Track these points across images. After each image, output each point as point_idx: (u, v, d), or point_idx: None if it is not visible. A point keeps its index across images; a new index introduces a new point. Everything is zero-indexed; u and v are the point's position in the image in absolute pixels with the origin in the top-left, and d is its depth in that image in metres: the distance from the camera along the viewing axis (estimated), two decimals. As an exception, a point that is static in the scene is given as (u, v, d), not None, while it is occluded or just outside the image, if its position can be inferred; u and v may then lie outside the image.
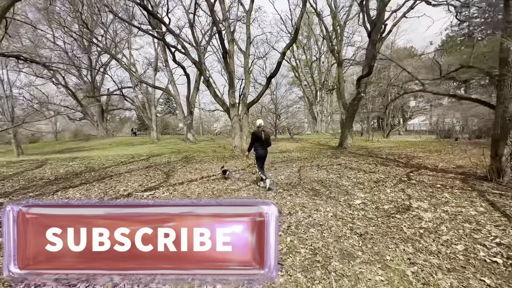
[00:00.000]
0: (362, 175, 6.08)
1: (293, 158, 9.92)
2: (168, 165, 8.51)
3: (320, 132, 28.33)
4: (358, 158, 9.19)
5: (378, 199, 4.03)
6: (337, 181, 5.45)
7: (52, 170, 7.48)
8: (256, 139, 4.88)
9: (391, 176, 5.89)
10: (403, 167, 7.22)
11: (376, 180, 5.46)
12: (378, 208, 3.62)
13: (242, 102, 11.45)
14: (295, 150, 12.81)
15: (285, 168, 7.40)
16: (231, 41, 10.26)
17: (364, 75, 10.44)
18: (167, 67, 19.10)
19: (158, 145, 18.30)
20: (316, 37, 29.39)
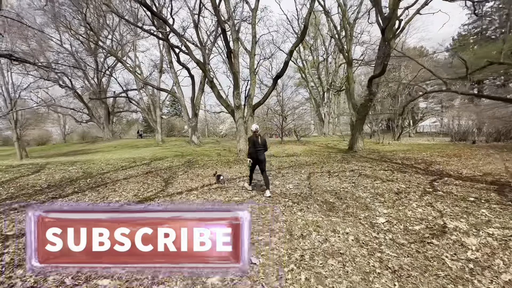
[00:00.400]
0: (380, 184, 5.48)
1: (301, 162, 9.36)
2: (169, 170, 8.09)
3: (327, 134, 27.60)
4: (372, 163, 8.56)
5: (405, 217, 3.45)
6: (352, 191, 4.88)
7: (48, 176, 7.14)
8: (252, 144, 4.80)
9: (413, 185, 5.28)
10: (423, 174, 6.58)
11: (397, 190, 4.86)
12: (407, 229, 3.05)
13: (247, 103, 10.97)
14: (302, 153, 12.24)
15: (293, 175, 6.85)
16: (236, 40, 9.81)
17: (377, 74, 9.81)
18: (171, 68, 18.84)
19: (163, 147, 17.99)
20: (323, 38, 28.77)
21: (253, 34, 10.78)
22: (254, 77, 11.34)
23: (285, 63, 8.99)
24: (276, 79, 9.60)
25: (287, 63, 9.03)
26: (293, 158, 10.48)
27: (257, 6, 10.68)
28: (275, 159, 10.42)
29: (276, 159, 10.37)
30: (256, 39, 10.91)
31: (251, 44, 11.28)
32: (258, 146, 4.77)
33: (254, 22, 10.80)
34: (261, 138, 4.85)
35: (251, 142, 4.81)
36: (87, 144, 26.44)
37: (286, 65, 9.11)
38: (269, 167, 8.48)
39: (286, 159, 10.41)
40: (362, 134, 12.64)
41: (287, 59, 9.01)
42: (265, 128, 29.00)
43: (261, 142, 4.83)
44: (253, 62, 11.07)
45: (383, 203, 4.08)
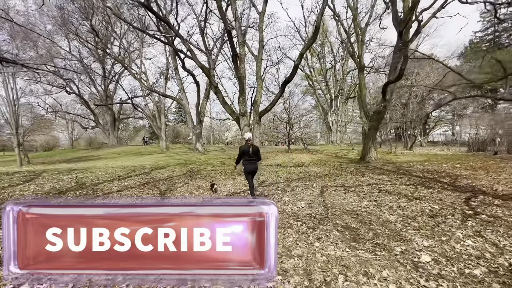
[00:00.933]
0: (407, 203, 4.72)
1: (311, 174, 8.64)
2: (168, 181, 7.48)
3: (335, 143, 26.73)
4: (389, 176, 7.77)
5: (454, 253, 2.70)
6: (377, 213, 4.14)
7: (37, 186, 6.62)
8: (243, 153, 4.69)
9: (447, 205, 4.50)
10: (453, 190, 5.77)
11: (431, 213, 4.10)
12: (464, 274, 2.31)
13: (253, 110, 10.40)
14: (311, 163, 11.50)
15: (304, 189, 6.14)
16: (242, 44, 9.35)
17: (393, 79, 9.12)
18: (176, 75, 18.58)
19: (166, 155, 17.54)
20: (331, 45, 28.36)
21: (260, 38, 10.32)
22: (261, 83, 10.80)
23: (295, 66, 8.42)
24: (285, 84, 9.03)
25: (296, 67, 8.46)
26: (301, 169, 9.76)
27: (265, 10, 10.25)
28: (283, 169, 9.72)
29: (283, 169, 9.67)
30: (263, 43, 10.44)
31: (258, 49, 10.83)
32: (250, 155, 4.63)
33: (262, 26, 10.35)
34: (254, 147, 4.69)
35: (243, 151, 4.67)
36: (92, 150, 26.29)
37: (296, 69, 8.54)
38: (276, 179, 7.79)
39: (294, 169, 9.70)
40: (375, 144, 11.86)
41: (296, 62, 8.44)
42: (271, 136, 28.38)
43: (254, 152, 4.67)
44: (260, 67, 10.56)
45: (419, 230, 3.33)
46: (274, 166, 10.67)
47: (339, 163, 11.53)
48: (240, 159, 4.79)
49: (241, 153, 4.72)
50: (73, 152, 26.06)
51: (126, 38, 24.28)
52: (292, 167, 10.42)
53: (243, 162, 4.75)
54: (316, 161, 12.21)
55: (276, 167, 10.27)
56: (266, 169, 9.69)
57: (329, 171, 9.08)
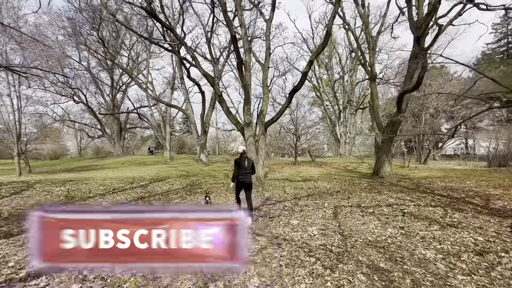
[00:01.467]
0: (440, 231, 3.92)
1: (320, 190, 7.88)
2: (165, 196, 6.86)
3: (343, 155, 25.78)
4: (410, 194, 6.93)
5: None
6: (408, 246, 3.36)
7: (21, 199, 6.10)
8: (239, 166, 4.63)
9: (493, 237, 3.68)
10: (489, 214, 4.92)
11: (476, 247, 3.30)
12: None
13: (259, 121, 9.84)
14: (320, 177, 10.72)
15: (314, 210, 5.39)
16: (248, 51, 8.93)
17: (410, 89, 8.44)
18: (182, 84, 18.42)
19: (169, 165, 17.04)
20: (339, 55, 28.06)
21: (267, 46, 9.91)
22: (267, 92, 10.29)
23: (303, 74, 7.88)
24: (293, 93, 8.47)
25: (305, 74, 7.91)
26: (310, 184, 9.00)
27: (272, 17, 9.91)
28: (290, 184, 8.98)
29: (291, 184, 8.93)
30: (270, 51, 10.01)
31: (264, 57, 10.42)
32: (246, 168, 4.60)
33: (268, 34, 9.97)
34: (249, 161, 4.71)
35: (238, 164, 4.62)
36: (97, 159, 26.14)
37: (305, 77, 7.98)
38: (283, 195, 7.06)
39: (302, 184, 8.95)
40: (389, 158, 11.02)
41: (305, 69, 7.90)
42: (277, 147, 27.69)
43: (249, 165, 4.66)
44: (266, 75, 10.08)
45: (469, 275, 2.56)
46: (281, 180, 9.94)
47: (350, 177, 10.71)
48: (237, 174, 4.63)
49: (237, 167, 4.64)
50: (77, 161, 25.92)
51: (134, 50, 24.64)
52: (300, 181, 9.67)
53: (237, 176, 4.64)
54: (325, 175, 11.42)
55: (282, 181, 9.54)
56: (272, 184, 8.98)
57: (341, 187, 8.30)
